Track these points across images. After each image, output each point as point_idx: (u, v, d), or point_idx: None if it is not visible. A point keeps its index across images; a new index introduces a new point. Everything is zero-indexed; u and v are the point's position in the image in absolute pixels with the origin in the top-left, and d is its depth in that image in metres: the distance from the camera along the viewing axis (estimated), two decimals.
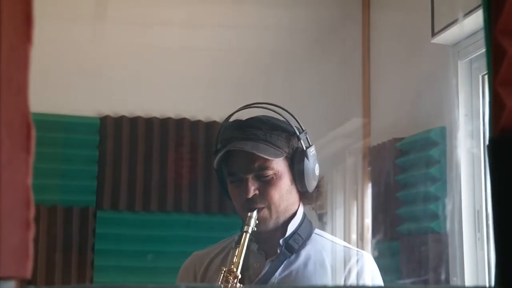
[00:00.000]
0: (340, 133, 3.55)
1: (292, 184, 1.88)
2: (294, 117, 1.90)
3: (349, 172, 3.50)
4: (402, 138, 3.17)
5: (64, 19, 3.46)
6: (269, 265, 1.88)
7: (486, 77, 2.74)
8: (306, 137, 1.89)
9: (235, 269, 1.76)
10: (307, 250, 1.91)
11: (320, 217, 3.48)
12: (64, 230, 3.37)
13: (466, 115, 2.85)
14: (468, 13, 2.65)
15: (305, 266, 1.89)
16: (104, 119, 3.49)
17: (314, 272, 1.88)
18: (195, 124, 3.56)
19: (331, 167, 3.45)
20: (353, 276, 1.87)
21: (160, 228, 3.48)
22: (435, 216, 2.88)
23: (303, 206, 1.95)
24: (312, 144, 1.89)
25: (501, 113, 0.70)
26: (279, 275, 1.87)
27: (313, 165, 1.88)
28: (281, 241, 1.88)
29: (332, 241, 1.96)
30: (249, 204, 1.83)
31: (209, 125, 3.56)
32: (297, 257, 1.90)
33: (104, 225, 3.43)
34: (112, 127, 3.50)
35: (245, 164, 1.83)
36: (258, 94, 3.52)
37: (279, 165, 1.85)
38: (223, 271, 1.78)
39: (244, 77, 3.66)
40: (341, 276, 1.87)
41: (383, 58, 3.58)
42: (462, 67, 2.90)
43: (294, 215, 1.90)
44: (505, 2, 0.71)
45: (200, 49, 3.65)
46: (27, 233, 0.65)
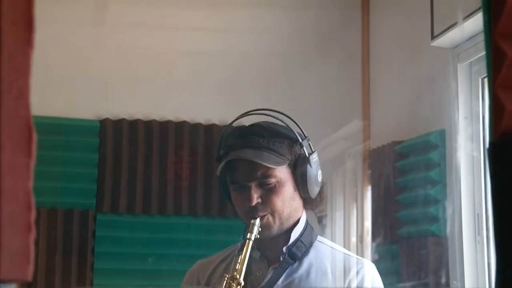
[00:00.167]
0: (340, 136, 3.55)
1: (295, 191, 1.88)
2: (297, 124, 1.90)
3: (349, 175, 3.49)
4: (402, 141, 3.17)
5: (64, 23, 3.46)
6: (272, 273, 1.88)
7: (486, 80, 2.74)
8: (309, 143, 1.88)
9: (238, 276, 1.76)
10: (310, 258, 1.91)
11: (320, 220, 3.47)
12: (64, 233, 3.36)
13: (466, 118, 2.85)
14: (468, 16, 2.65)
15: (308, 274, 1.88)
16: (104, 122, 3.49)
17: (316, 281, 1.88)
18: (195, 127, 3.56)
19: (331, 170, 3.45)
20: (354, 286, 1.86)
21: (160, 231, 3.47)
22: (435, 219, 2.88)
23: (306, 211, 1.95)
24: (315, 151, 1.89)
25: (501, 117, 0.70)
26: (282, 283, 1.87)
27: (316, 172, 1.88)
28: (284, 249, 1.88)
29: (335, 249, 1.96)
30: (252, 212, 1.83)
31: (209, 128, 3.56)
32: (300, 265, 1.89)
33: (104, 228, 3.42)
34: (112, 130, 3.49)
35: (248, 172, 1.83)
36: (257, 97, 3.53)
37: (282, 173, 1.85)
38: (226, 278, 1.78)
39: (244, 81, 3.66)
40: (343, 285, 1.87)
41: (383, 61, 3.58)
42: (462, 70, 2.90)
43: (298, 222, 1.90)
44: (505, 5, 0.71)
45: (200, 53, 3.65)
46: (28, 236, 0.65)
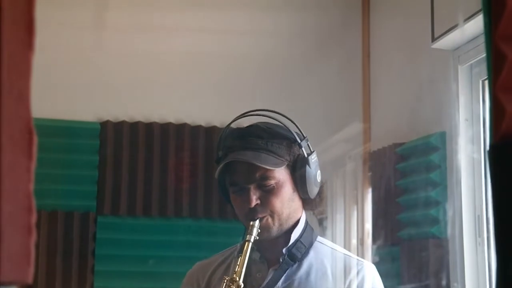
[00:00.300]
0: (340, 138, 3.55)
1: (294, 192, 1.87)
2: (295, 124, 1.90)
3: (349, 177, 3.49)
4: (403, 143, 3.17)
5: (65, 25, 3.46)
6: (272, 274, 1.87)
7: (487, 82, 2.74)
8: (308, 144, 1.88)
9: (238, 278, 1.76)
10: (310, 259, 1.90)
11: (320, 222, 3.47)
12: (65, 235, 3.36)
13: (467, 120, 2.85)
14: (469, 18, 2.65)
15: (308, 276, 1.88)
16: (105, 124, 3.49)
17: (316, 282, 1.87)
18: (196, 129, 3.56)
19: (331, 172, 3.44)
20: (355, 287, 1.86)
21: (161, 233, 3.47)
22: (436, 221, 2.88)
23: (305, 213, 1.95)
24: (314, 151, 1.89)
25: (502, 119, 0.70)
26: (282, 285, 1.87)
27: (315, 172, 1.88)
28: (284, 250, 1.88)
29: (335, 250, 1.95)
30: (252, 214, 1.82)
31: (209, 130, 3.56)
32: (300, 266, 1.89)
33: (105, 230, 3.42)
34: (113, 132, 3.50)
35: (247, 174, 1.83)
36: (258, 99, 3.52)
37: (281, 174, 1.84)
38: (226, 280, 1.78)
39: (244, 82, 3.66)
40: (343, 286, 1.87)
41: (383, 63, 3.58)
42: (463, 72, 2.89)
43: (297, 223, 1.90)
44: (505, 8, 0.71)
45: (200, 55, 3.65)
46: (29, 239, 0.65)
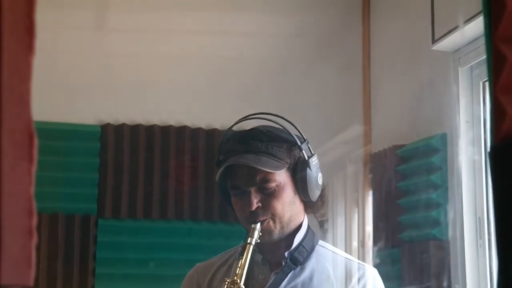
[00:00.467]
0: (341, 141, 3.55)
1: (296, 195, 1.87)
2: (296, 127, 1.90)
3: (350, 180, 3.49)
4: (403, 145, 3.17)
5: (65, 28, 3.46)
6: (274, 277, 1.87)
7: (487, 84, 2.74)
8: (308, 146, 1.88)
9: (239, 281, 1.76)
10: (312, 263, 1.90)
11: (321, 224, 3.48)
12: (66, 238, 3.36)
13: (467, 122, 2.85)
14: (469, 20, 2.65)
15: (311, 279, 1.88)
16: (105, 127, 3.49)
17: (319, 286, 1.88)
18: (196, 132, 3.56)
19: (332, 175, 3.44)
20: None
21: (162, 236, 3.47)
22: (437, 223, 2.88)
23: (307, 216, 1.94)
24: (315, 153, 1.89)
25: (502, 121, 0.70)
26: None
27: (316, 174, 1.87)
28: (287, 254, 1.88)
29: (337, 254, 1.95)
30: (253, 217, 1.82)
31: (210, 133, 3.56)
32: (302, 270, 1.89)
33: (106, 233, 3.42)
34: (113, 135, 3.50)
35: (247, 178, 1.83)
36: (258, 101, 3.52)
37: (282, 177, 1.84)
38: (227, 282, 1.78)
39: (244, 85, 3.66)
40: None
41: (384, 65, 3.58)
42: (463, 74, 2.90)
43: (300, 227, 1.90)
44: (505, 9, 0.71)
45: (200, 57, 3.65)
46: (30, 242, 0.65)
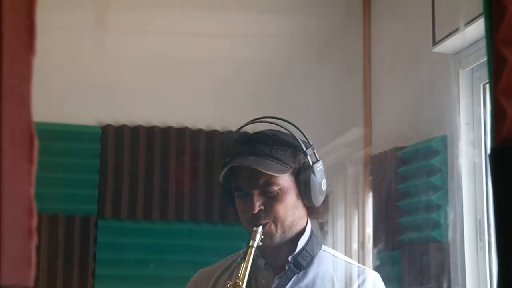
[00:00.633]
0: (341, 142, 3.55)
1: (299, 199, 1.87)
2: (302, 132, 1.90)
3: (350, 182, 3.49)
4: (403, 147, 3.17)
5: (66, 29, 3.46)
6: (277, 282, 1.87)
7: (488, 86, 2.74)
8: (314, 152, 1.87)
9: (241, 283, 1.76)
10: (315, 268, 1.90)
11: (321, 226, 3.47)
12: (66, 239, 3.36)
13: (468, 124, 2.85)
14: (470, 22, 2.65)
15: (314, 284, 1.88)
16: (105, 128, 3.49)
17: None
18: (196, 133, 3.56)
19: (332, 177, 3.44)
20: None
21: (162, 237, 3.47)
22: (437, 225, 2.88)
23: (310, 221, 1.94)
24: (320, 159, 1.88)
25: (503, 123, 0.70)
26: None
27: (320, 180, 1.87)
28: (290, 258, 1.88)
29: (339, 258, 1.95)
30: (255, 219, 1.82)
31: (210, 134, 3.56)
32: (305, 275, 1.89)
33: (106, 234, 3.42)
34: (113, 136, 3.50)
35: (251, 180, 1.83)
36: (259, 104, 3.52)
37: (285, 181, 1.84)
38: (229, 285, 1.78)
39: (244, 86, 3.66)
40: None
41: (384, 67, 3.58)
42: (464, 76, 2.90)
43: (303, 231, 1.89)
44: (506, 12, 0.71)
45: (201, 59, 3.65)
46: (30, 242, 0.65)
